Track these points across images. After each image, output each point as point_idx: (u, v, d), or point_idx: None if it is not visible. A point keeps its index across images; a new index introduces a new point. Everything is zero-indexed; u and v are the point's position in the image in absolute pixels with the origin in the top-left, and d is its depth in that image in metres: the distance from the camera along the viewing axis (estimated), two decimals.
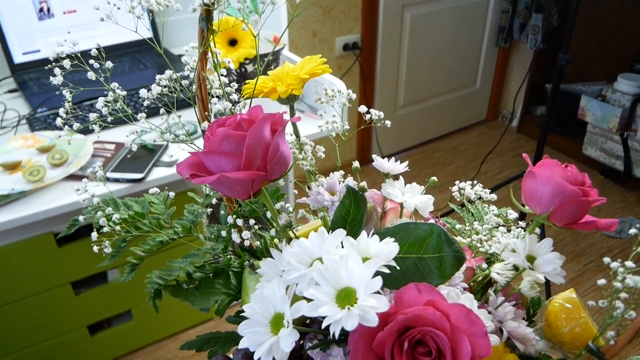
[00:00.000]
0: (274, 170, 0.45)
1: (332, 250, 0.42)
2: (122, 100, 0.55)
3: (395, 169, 0.62)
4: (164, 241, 0.55)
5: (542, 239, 0.51)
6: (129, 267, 0.54)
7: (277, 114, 0.46)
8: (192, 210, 0.61)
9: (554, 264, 0.48)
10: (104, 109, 0.54)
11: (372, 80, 2.51)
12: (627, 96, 2.53)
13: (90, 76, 0.51)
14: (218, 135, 0.44)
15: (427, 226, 0.48)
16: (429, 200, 0.60)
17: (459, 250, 0.47)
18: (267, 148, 0.44)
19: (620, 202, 2.52)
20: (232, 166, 0.44)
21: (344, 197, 0.48)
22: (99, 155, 1.09)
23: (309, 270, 0.41)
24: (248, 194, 0.45)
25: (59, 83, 0.51)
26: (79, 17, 1.52)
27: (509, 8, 2.75)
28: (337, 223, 0.48)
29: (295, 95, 0.53)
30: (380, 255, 0.42)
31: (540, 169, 0.50)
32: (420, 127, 2.89)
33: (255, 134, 0.43)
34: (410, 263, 0.48)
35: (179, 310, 1.59)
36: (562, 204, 0.49)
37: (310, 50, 2.23)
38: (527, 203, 0.53)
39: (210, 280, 0.53)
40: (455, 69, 2.86)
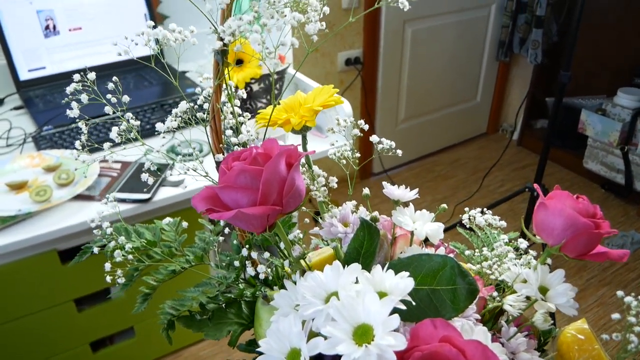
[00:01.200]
0: (289, 204, 0.46)
1: (348, 285, 0.42)
2: (137, 130, 0.55)
3: (406, 196, 0.63)
4: (176, 270, 0.55)
5: (554, 270, 0.51)
6: (141, 297, 0.54)
7: (291, 147, 0.47)
8: (203, 237, 0.61)
9: (567, 295, 0.49)
10: (117, 138, 0.55)
11: (374, 95, 2.52)
12: (627, 110, 2.55)
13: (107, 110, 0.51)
14: (234, 170, 0.44)
15: (440, 258, 0.49)
16: (439, 228, 0.60)
17: (473, 283, 0.47)
18: (283, 182, 0.44)
19: (621, 216, 2.53)
20: (248, 200, 0.44)
21: (357, 229, 0.48)
22: (104, 174, 1.09)
23: (325, 306, 0.41)
24: (263, 227, 0.45)
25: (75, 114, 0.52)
26: (85, 35, 1.53)
27: (509, 23, 2.77)
28: (351, 255, 0.49)
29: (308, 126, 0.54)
30: (396, 290, 0.43)
31: (551, 201, 0.50)
32: (421, 140, 2.90)
33: (272, 169, 0.43)
34: (424, 295, 0.48)
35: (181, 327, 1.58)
36: (574, 236, 0.49)
37: (313, 65, 2.24)
38: (538, 234, 0.53)
39: (223, 310, 0.53)
40: (456, 83, 2.88)
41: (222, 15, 0.46)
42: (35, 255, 1.21)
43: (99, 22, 1.54)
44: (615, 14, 2.69)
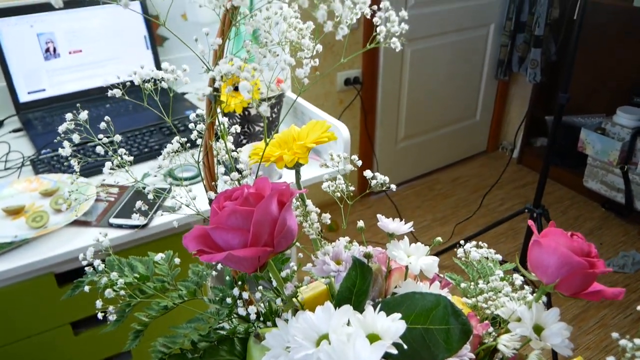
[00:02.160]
0: (280, 243, 0.45)
1: (339, 328, 0.42)
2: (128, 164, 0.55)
3: (400, 229, 0.62)
4: (168, 306, 0.55)
5: (549, 308, 0.51)
6: (133, 334, 0.54)
7: (284, 186, 0.47)
8: (196, 271, 0.61)
9: (562, 335, 0.48)
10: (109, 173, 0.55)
11: (373, 114, 2.53)
12: (626, 129, 2.55)
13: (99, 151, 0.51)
14: (225, 211, 0.44)
15: (433, 297, 0.48)
16: (434, 263, 0.60)
17: (466, 323, 0.46)
18: (275, 223, 0.44)
19: (622, 235, 2.52)
20: (239, 241, 0.44)
21: (350, 268, 0.48)
22: (101, 199, 1.09)
23: (316, 350, 0.41)
24: (255, 268, 0.45)
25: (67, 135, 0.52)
26: (85, 57, 1.54)
27: (508, 42, 2.78)
28: (343, 294, 0.48)
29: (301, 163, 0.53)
30: (388, 333, 0.42)
31: (545, 239, 0.50)
32: (421, 158, 2.91)
33: (263, 210, 0.43)
34: (417, 334, 0.47)
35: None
36: (568, 275, 0.49)
37: (312, 86, 2.25)
38: (533, 271, 0.53)
39: (216, 348, 0.53)
40: (456, 102, 2.89)
41: (215, 56, 0.46)
42: (31, 278, 1.20)
43: (99, 44, 1.55)
44: (613, 34, 2.71)
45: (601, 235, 2.52)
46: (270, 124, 1.23)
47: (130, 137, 1.33)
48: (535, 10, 2.60)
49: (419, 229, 2.52)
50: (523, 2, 2.67)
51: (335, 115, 2.40)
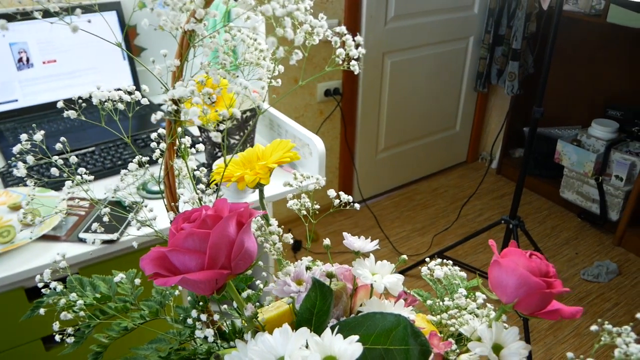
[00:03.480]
0: (238, 265, 0.45)
1: (294, 352, 0.42)
2: (87, 183, 0.54)
3: (365, 247, 0.63)
4: (128, 327, 0.54)
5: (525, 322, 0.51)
6: (91, 356, 0.53)
7: (243, 207, 0.46)
8: (160, 290, 0.60)
9: (519, 354, 0.49)
10: (68, 194, 0.54)
11: (353, 125, 2.54)
12: (601, 141, 2.59)
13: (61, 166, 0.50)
14: (182, 233, 0.44)
15: (393, 317, 0.48)
16: (398, 281, 0.60)
17: (425, 344, 0.47)
18: (232, 245, 0.44)
19: (597, 245, 2.55)
20: (196, 264, 0.43)
21: (310, 289, 0.48)
22: (72, 213, 1.08)
23: None
24: (212, 290, 0.45)
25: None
26: (59, 67, 1.52)
27: (487, 55, 2.82)
28: (303, 315, 0.48)
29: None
30: (344, 356, 0.42)
31: (505, 259, 0.51)
32: (401, 169, 2.92)
33: (219, 233, 0.43)
34: (377, 355, 0.47)
35: None
36: (526, 295, 0.49)
37: (292, 96, 2.25)
38: (493, 290, 0.53)
39: None
40: (436, 113, 2.92)
41: (173, 77, 0.46)
42: (1, 293, 1.18)
43: (74, 54, 1.54)
44: (588, 48, 2.76)
45: (577, 244, 2.55)
46: (244, 137, 1.22)
47: (104, 149, 1.32)
48: (513, 24, 2.64)
49: (398, 239, 2.53)
50: (501, 16, 2.71)
51: (315, 126, 2.40)
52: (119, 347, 0.58)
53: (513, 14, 2.64)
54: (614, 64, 2.69)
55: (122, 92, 0.47)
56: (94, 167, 1.24)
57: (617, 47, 2.65)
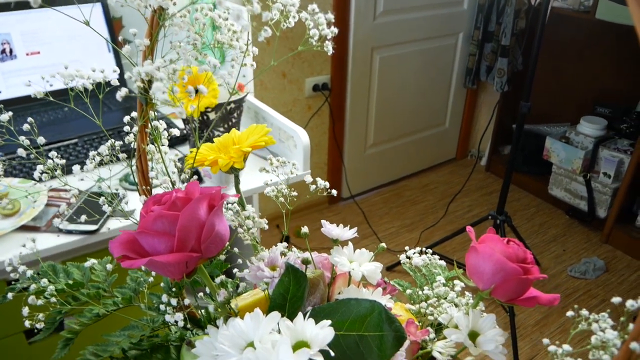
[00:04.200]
0: (209, 249, 0.44)
1: (265, 336, 0.41)
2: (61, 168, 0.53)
3: (344, 235, 0.62)
4: (100, 314, 0.53)
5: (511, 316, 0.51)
6: (62, 343, 0.52)
7: (215, 190, 0.46)
8: (134, 277, 0.59)
9: (496, 342, 0.48)
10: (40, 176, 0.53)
11: (342, 120, 2.53)
12: (589, 139, 2.60)
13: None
14: (151, 215, 0.43)
15: (368, 303, 0.48)
16: (377, 269, 0.59)
17: (400, 330, 0.46)
18: (202, 228, 0.43)
19: (585, 242, 2.56)
20: (165, 247, 0.42)
21: (282, 274, 0.47)
22: (52, 204, 1.06)
23: (239, 357, 0.40)
24: (181, 274, 0.44)
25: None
26: (43, 59, 1.50)
27: (476, 51, 2.82)
28: (276, 301, 0.47)
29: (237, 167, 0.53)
30: (316, 340, 0.41)
31: (482, 245, 0.50)
32: (390, 165, 2.92)
33: (189, 215, 0.42)
34: (351, 341, 0.47)
35: None
36: (503, 281, 0.49)
37: (280, 91, 2.24)
38: (471, 277, 0.52)
39: (148, 356, 0.51)
40: (425, 109, 2.91)
41: (143, 56, 0.45)
42: None
43: (58, 46, 1.52)
44: (577, 45, 2.77)
45: (565, 241, 2.56)
46: (229, 129, 1.21)
47: (87, 141, 1.30)
48: (503, 20, 2.65)
49: (387, 235, 2.52)
50: (491, 12, 2.71)
51: (303, 121, 2.39)
52: (92, 334, 0.57)
53: (502, 10, 2.64)
54: (603, 61, 2.70)
55: (91, 71, 0.46)
56: (76, 158, 1.22)
57: (607, 44, 2.66)
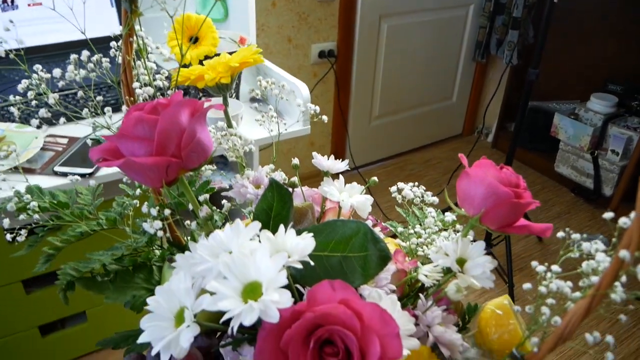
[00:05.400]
0: (190, 157, 0.43)
1: (244, 244, 0.40)
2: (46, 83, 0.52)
3: (335, 167, 0.61)
4: (83, 232, 0.52)
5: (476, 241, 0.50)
6: (43, 258, 0.51)
7: (196, 100, 0.44)
8: (120, 202, 0.58)
9: (484, 267, 0.47)
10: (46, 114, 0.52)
11: (348, 90, 2.50)
12: (599, 115, 2.56)
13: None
14: (131, 119, 0.41)
15: (354, 224, 0.47)
16: (367, 201, 0.58)
17: (384, 250, 0.45)
18: (182, 133, 0.42)
19: (589, 220, 2.54)
20: (144, 152, 0.41)
21: (266, 189, 0.46)
22: (49, 148, 1.05)
23: (215, 262, 0.39)
24: (160, 181, 0.43)
25: None
26: (45, 10, 1.48)
27: (487, 24, 2.77)
28: (259, 217, 0.46)
29: (225, 84, 0.51)
30: (296, 250, 0.40)
31: (474, 170, 0.49)
32: (395, 138, 2.89)
33: (169, 119, 0.41)
34: (335, 262, 0.46)
35: (135, 314, 1.55)
36: (494, 206, 0.47)
37: (285, 56, 2.21)
38: (461, 205, 0.51)
39: (130, 273, 0.51)
40: (432, 82, 2.87)
41: None
42: None
43: None
44: (590, 23, 2.71)
45: (569, 219, 2.54)
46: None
47: (86, 95, 1.29)
48: None
49: (389, 207, 2.51)
50: None
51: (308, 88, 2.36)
52: (76, 256, 0.56)
53: None
54: (616, 38, 2.64)
55: None
56: (74, 107, 1.21)
57: (620, 20, 2.60)
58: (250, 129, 1.21)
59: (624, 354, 1.73)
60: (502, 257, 2.15)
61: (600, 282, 0.36)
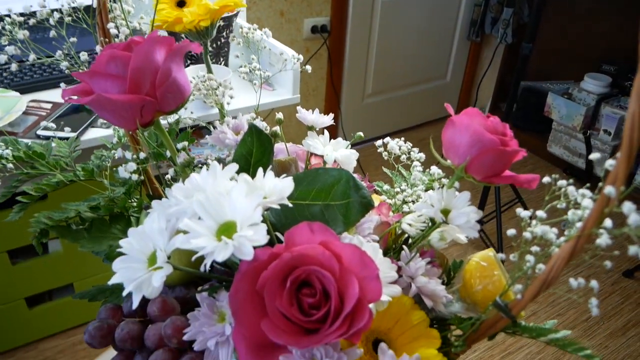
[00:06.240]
0: (166, 98, 0.42)
1: (221, 184, 0.39)
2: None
3: (320, 121, 0.59)
4: (59, 182, 0.51)
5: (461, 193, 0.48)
6: (17, 207, 0.50)
7: (172, 39, 0.42)
8: (98, 154, 0.57)
9: (468, 216, 0.46)
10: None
11: (340, 66, 2.48)
12: (592, 95, 2.55)
13: None
14: (103, 56, 0.40)
15: (336, 172, 0.45)
16: (352, 155, 0.57)
17: (366, 197, 0.44)
18: (157, 72, 0.40)
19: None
20: (117, 90, 0.40)
21: (245, 134, 0.44)
22: (32, 113, 1.03)
23: (189, 201, 0.37)
24: (134, 122, 0.41)
25: None
26: None
27: (482, 2, 2.74)
28: (237, 163, 0.45)
29: (205, 30, 0.49)
30: (274, 191, 0.39)
31: (460, 117, 0.47)
32: (388, 117, 2.88)
33: (143, 56, 0.39)
34: (317, 211, 0.45)
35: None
36: (479, 154, 0.46)
37: (277, 30, 2.18)
38: (447, 155, 0.50)
39: (106, 224, 0.49)
40: (426, 61, 2.85)
41: None
42: None
43: None
44: (585, 3, 2.69)
45: None
46: (218, 49, 1.17)
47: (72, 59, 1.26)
48: None
49: None
50: None
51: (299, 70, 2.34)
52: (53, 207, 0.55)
53: None
54: (611, 18, 2.62)
55: None
56: (59, 73, 1.19)
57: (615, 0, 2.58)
58: (238, 98, 1.19)
59: (612, 329, 1.74)
60: (493, 235, 2.15)
61: (586, 221, 0.36)
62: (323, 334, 0.35)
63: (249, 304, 0.37)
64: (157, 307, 0.44)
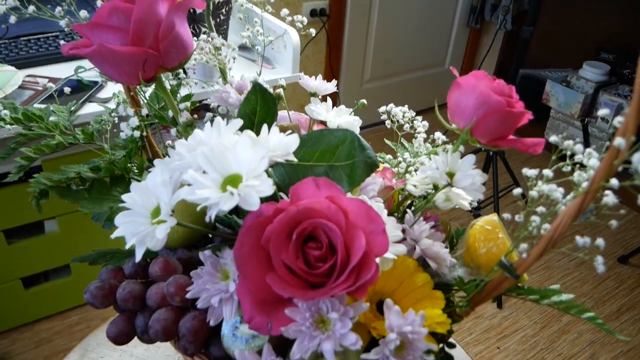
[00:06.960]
0: (169, 53, 0.41)
1: (225, 138, 0.38)
2: None
3: (323, 87, 0.59)
4: (58, 144, 0.50)
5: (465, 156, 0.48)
6: (16, 168, 0.49)
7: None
8: (98, 119, 0.56)
9: (473, 178, 0.45)
10: None
11: (339, 51, 2.46)
12: (590, 83, 2.55)
13: None
14: (105, 7, 0.39)
15: (340, 132, 0.45)
16: (355, 122, 0.57)
17: (371, 157, 0.43)
18: (159, 25, 0.39)
19: None
20: (119, 42, 0.39)
21: (249, 92, 0.44)
22: (28, 88, 1.02)
23: (192, 155, 0.37)
24: (137, 77, 0.40)
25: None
26: None
27: None
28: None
29: None
30: (279, 146, 0.39)
31: (466, 79, 0.47)
32: (386, 103, 2.86)
33: (145, 8, 0.39)
34: (321, 172, 0.44)
35: None
36: (485, 115, 0.46)
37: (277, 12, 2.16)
38: (452, 119, 0.50)
39: (106, 185, 0.49)
40: (425, 47, 2.84)
41: None
42: None
43: None
44: None
45: None
46: (217, 26, 1.16)
47: (69, 34, 1.25)
48: None
49: None
50: None
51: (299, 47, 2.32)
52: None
53: None
54: (610, 6, 2.62)
55: None
56: (55, 49, 1.17)
57: None
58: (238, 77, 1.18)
59: (607, 313, 1.75)
60: None
61: (595, 175, 0.35)
62: (329, 287, 0.34)
63: (254, 259, 0.36)
64: (159, 266, 0.43)
